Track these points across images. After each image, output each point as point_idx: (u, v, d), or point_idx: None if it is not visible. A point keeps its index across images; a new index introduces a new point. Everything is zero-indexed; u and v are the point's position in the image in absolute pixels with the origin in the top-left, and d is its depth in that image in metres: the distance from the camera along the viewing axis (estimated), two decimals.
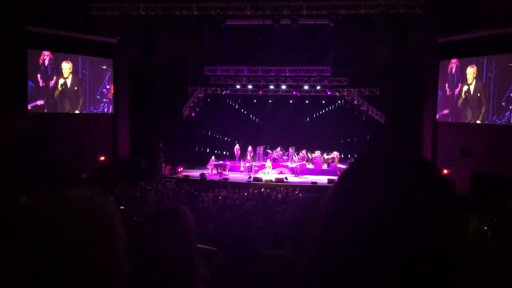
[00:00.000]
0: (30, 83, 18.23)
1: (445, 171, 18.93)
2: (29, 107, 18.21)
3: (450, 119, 19.29)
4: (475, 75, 17.84)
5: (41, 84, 18.67)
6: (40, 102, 18.56)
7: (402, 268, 0.68)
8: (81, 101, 20.29)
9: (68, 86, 19.83)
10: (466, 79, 18.25)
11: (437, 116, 19.86)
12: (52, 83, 19.14)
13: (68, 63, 19.75)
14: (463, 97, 18.53)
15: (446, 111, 19.62)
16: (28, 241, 0.82)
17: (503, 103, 16.80)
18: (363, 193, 0.73)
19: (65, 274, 0.82)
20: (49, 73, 18.97)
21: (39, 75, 18.56)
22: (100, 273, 0.86)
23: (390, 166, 0.76)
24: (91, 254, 0.85)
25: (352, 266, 0.70)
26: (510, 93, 16.51)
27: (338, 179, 0.81)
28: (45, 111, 18.91)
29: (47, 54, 18.78)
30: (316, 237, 0.77)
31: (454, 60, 18.99)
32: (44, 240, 0.82)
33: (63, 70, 19.63)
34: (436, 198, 0.72)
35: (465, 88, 18.29)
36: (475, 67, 17.85)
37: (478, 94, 17.81)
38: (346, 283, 0.70)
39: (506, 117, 16.69)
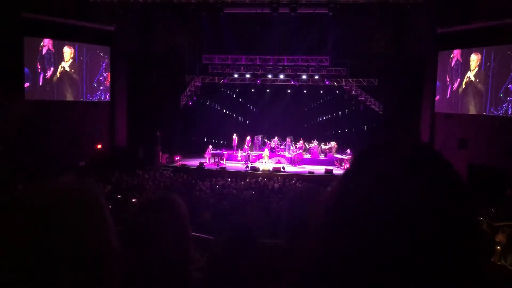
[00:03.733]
0: (26, 70, 18.11)
1: None
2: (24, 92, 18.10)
3: (448, 110, 19.29)
4: (478, 62, 17.79)
5: (38, 71, 18.54)
6: (26, 84, 18.35)
7: (412, 260, 0.67)
8: (79, 88, 20.21)
9: (68, 71, 19.72)
10: (469, 67, 18.19)
11: (435, 103, 19.84)
12: (50, 70, 19.01)
13: (70, 48, 19.66)
14: (464, 85, 18.47)
15: (438, 97, 19.62)
16: (19, 229, 0.82)
17: (501, 95, 16.80)
18: (370, 186, 0.72)
19: (59, 260, 0.82)
20: (47, 61, 18.83)
21: (37, 62, 18.42)
22: (93, 254, 0.87)
23: (397, 158, 0.75)
24: (83, 237, 0.86)
25: (357, 259, 0.69)
26: (509, 85, 16.51)
27: (345, 172, 0.80)
28: (42, 98, 18.80)
29: (46, 42, 18.65)
30: (320, 229, 0.77)
31: (454, 51, 18.91)
32: (34, 228, 0.82)
33: (64, 54, 19.52)
34: (446, 188, 0.72)
35: (468, 74, 18.20)
36: (479, 54, 17.80)
37: (480, 84, 17.78)
38: (350, 276, 0.70)
39: (504, 109, 16.70)
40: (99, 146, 20.82)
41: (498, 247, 6.41)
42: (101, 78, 21.05)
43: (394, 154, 0.76)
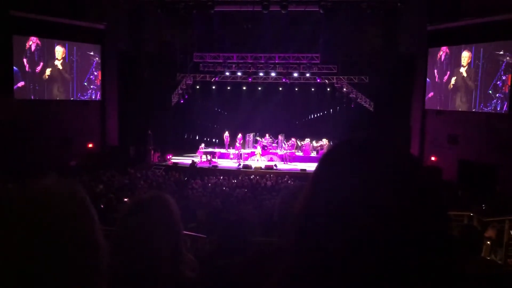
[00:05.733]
0: (15, 69, 17.94)
1: (433, 159, 19.13)
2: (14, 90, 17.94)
3: (438, 107, 19.41)
4: (469, 60, 17.91)
5: (27, 70, 18.38)
6: (21, 84, 18.23)
7: (380, 257, 0.68)
8: (69, 87, 20.06)
9: (58, 70, 19.57)
10: (459, 64, 18.29)
11: (425, 99, 19.94)
12: (38, 69, 18.85)
13: (62, 47, 19.52)
14: (454, 82, 18.59)
15: (431, 94, 19.69)
16: (3, 231, 0.83)
17: (490, 91, 16.94)
18: (341, 181, 0.73)
19: (45, 259, 0.82)
20: (36, 59, 18.67)
21: (25, 61, 18.25)
22: (80, 255, 0.87)
23: (367, 154, 0.75)
24: (68, 236, 0.86)
25: (331, 254, 0.70)
26: (497, 81, 16.66)
27: (317, 166, 0.80)
28: (32, 97, 18.64)
29: (33, 40, 18.47)
30: (296, 224, 0.78)
31: (443, 48, 19.05)
32: (17, 230, 0.82)
33: (56, 53, 19.37)
34: (415, 187, 0.72)
35: (461, 70, 18.30)
36: (470, 52, 17.92)
37: (469, 81, 17.92)
38: (327, 272, 0.71)
39: (493, 105, 16.85)
40: (90, 145, 20.70)
41: (488, 242, 6.48)
42: (91, 77, 20.91)
43: (361, 154, 0.76)
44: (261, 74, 23.33)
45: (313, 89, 24.19)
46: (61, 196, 0.90)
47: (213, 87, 24.40)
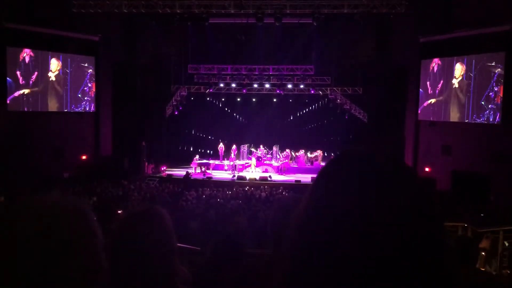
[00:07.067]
0: (9, 80, 17.89)
1: (427, 169, 19.20)
2: (7, 101, 17.86)
3: (431, 118, 19.53)
4: (462, 72, 18.07)
5: (21, 82, 18.34)
6: (17, 93, 18.21)
7: (379, 268, 0.68)
8: (63, 98, 20.03)
9: (52, 82, 19.54)
10: (452, 75, 18.45)
11: (419, 110, 20.04)
12: (32, 80, 18.81)
13: (57, 60, 19.54)
14: (447, 93, 18.72)
15: (426, 103, 19.74)
16: (7, 246, 0.82)
17: (483, 102, 17.09)
18: (340, 193, 0.73)
19: (48, 277, 0.82)
20: (30, 71, 18.64)
21: (18, 73, 18.22)
22: (82, 273, 0.87)
23: (367, 166, 0.76)
24: (72, 256, 0.86)
25: (329, 266, 0.70)
26: (489, 92, 16.82)
27: (316, 178, 0.81)
28: (25, 108, 18.58)
29: (27, 51, 18.46)
30: (294, 237, 0.78)
31: (435, 59, 19.24)
32: (23, 245, 0.82)
33: (51, 66, 19.36)
34: (412, 199, 0.73)
35: (453, 81, 18.45)
36: (464, 65, 18.08)
37: (462, 92, 18.06)
38: (326, 281, 0.71)
39: (486, 116, 16.99)
40: (84, 157, 20.60)
41: (483, 253, 6.47)
42: (85, 88, 20.89)
43: (361, 166, 0.76)
44: (255, 85, 23.41)
45: (307, 101, 24.30)
46: (69, 213, 0.90)
47: (208, 99, 24.44)
